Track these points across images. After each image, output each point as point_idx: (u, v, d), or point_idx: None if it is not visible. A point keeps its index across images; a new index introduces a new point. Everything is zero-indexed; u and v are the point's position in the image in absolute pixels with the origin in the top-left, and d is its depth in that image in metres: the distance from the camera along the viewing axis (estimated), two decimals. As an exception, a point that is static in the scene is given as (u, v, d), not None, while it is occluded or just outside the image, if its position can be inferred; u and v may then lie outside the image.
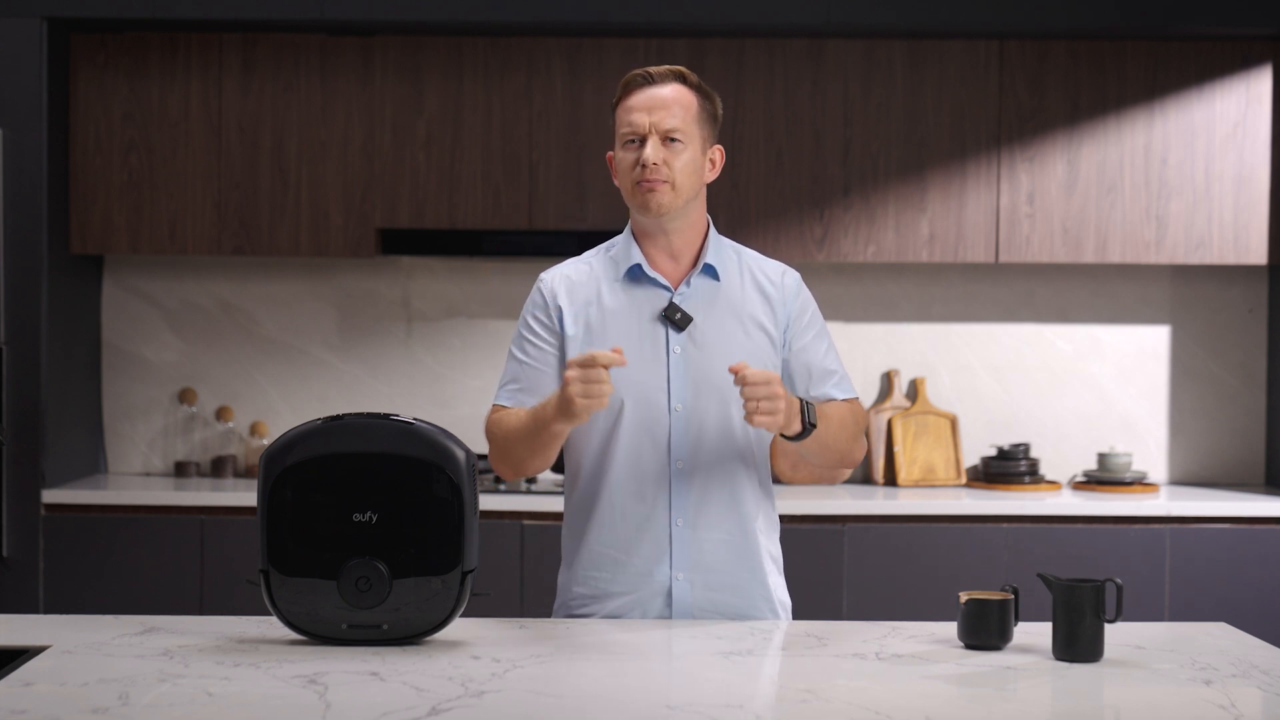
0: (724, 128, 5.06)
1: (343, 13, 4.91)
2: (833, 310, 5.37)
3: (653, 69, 2.84)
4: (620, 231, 2.98)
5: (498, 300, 5.39)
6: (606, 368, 2.60)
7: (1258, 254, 5.08)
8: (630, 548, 2.84)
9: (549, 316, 2.87)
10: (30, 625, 2.74)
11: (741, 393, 2.63)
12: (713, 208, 5.03)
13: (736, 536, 2.86)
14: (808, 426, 2.73)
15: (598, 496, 2.85)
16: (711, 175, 2.89)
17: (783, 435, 2.75)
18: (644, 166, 2.78)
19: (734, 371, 2.64)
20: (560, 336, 2.87)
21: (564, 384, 2.62)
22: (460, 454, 2.55)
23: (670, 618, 2.83)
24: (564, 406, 2.64)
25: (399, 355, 5.40)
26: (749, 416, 2.63)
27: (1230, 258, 5.08)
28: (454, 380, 5.40)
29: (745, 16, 4.94)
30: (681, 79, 2.84)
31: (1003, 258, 5.08)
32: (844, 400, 2.94)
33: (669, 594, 2.84)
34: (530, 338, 2.89)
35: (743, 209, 5.07)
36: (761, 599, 2.88)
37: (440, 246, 5.11)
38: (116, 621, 2.71)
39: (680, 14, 4.91)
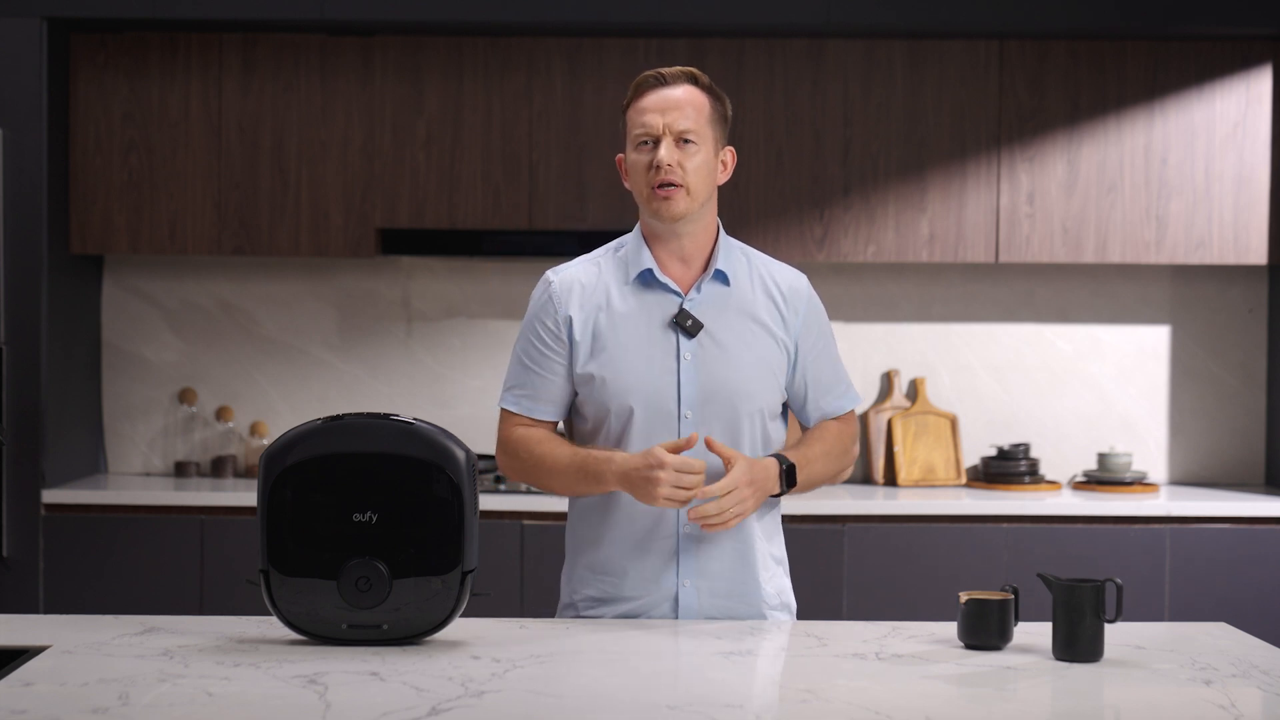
0: (724, 128, 5.06)
1: (343, 13, 4.91)
2: (833, 310, 5.36)
3: (665, 70, 2.83)
4: (621, 231, 2.97)
5: (498, 300, 5.39)
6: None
7: (1258, 254, 5.08)
8: (638, 554, 2.84)
9: (557, 324, 2.86)
10: (30, 625, 2.74)
11: (710, 519, 2.69)
12: (713, 208, 5.04)
13: (743, 542, 2.86)
14: (784, 490, 2.82)
15: (607, 502, 2.85)
16: (724, 177, 2.89)
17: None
18: (658, 168, 2.78)
19: (696, 519, 2.70)
20: (568, 345, 2.85)
21: (652, 479, 2.66)
22: (460, 454, 2.55)
23: None
24: (639, 492, 2.70)
25: (399, 355, 5.40)
26: (723, 525, 2.71)
27: (1230, 258, 5.08)
28: (454, 380, 5.40)
29: (745, 16, 4.94)
30: (693, 80, 2.83)
31: (1003, 258, 5.09)
32: (837, 420, 2.95)
33: (675, 600, 2.84)
34: (538, 344, 2.87)
35: (743, 209, 5.07)
36: (765, 603, 2.88)
37: (440, 246, 5.11)
38: (116, 621, 2.71)
39: (680, 14, 4.91)
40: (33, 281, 4.85)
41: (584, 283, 2.87)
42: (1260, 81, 5.08)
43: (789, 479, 2.80)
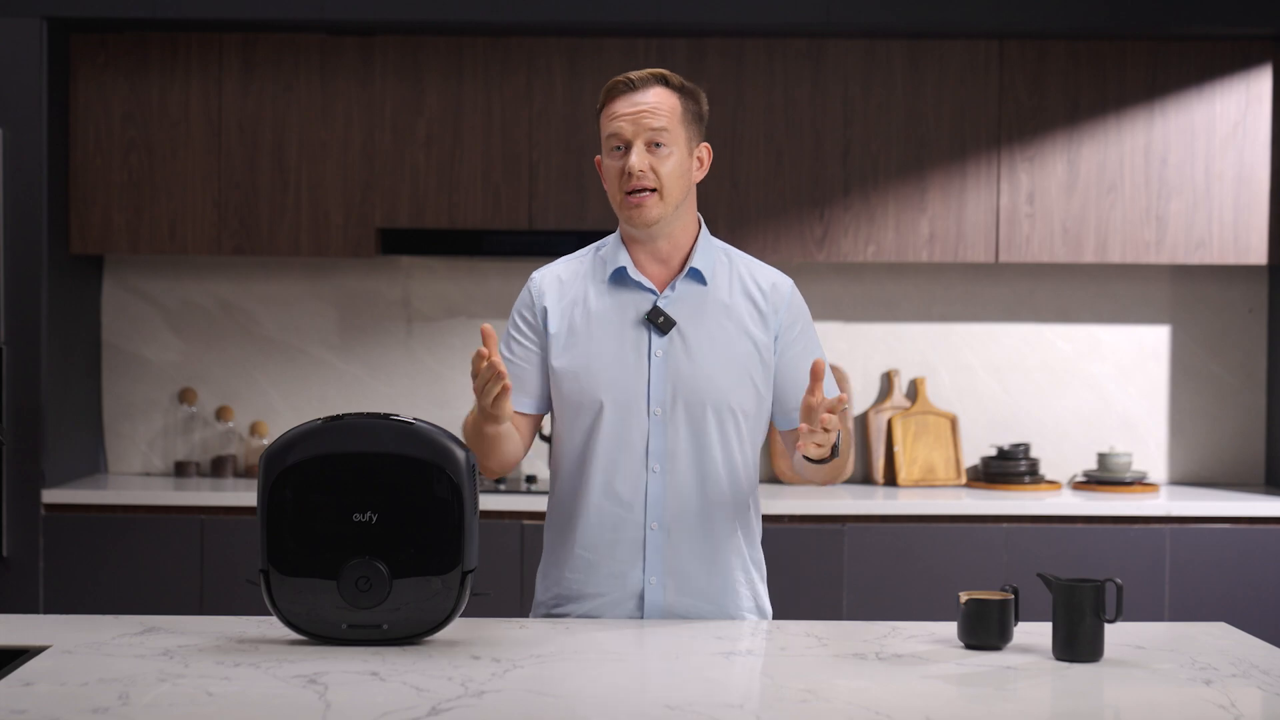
0: (724, 128, 5.06)
1: (343, 13, 4.91)
2: (833, 310, 5.37)
3: (633, 74, 2.82)
4: (620, 231, 2.97)
5: (498, 300, 5.39)
6: (489, 368, 2.60)
7: (1258, 254, 5.08)
8: (605, 550, 2.84)
9: (534, 315, 2.89)
10: (30, 625, 2.74)
11: (822, 419, 2.59)
12: (713, 207, 5.04)
13: (712, 542, 2.85)
14: (832, 456, 2.73)
15: (575, 497, 2.86)
16: (700, 174, 2.88)
17: (805, 457, 2.73)
18: (630, 175, 2.78)
19: (824, 408, 2.59)
20: (543, 336, 2.87)
21: (477, 395, 2.66)
22: (460, 454, 2.55)
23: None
24: (484, 413, 2.69)
25: (399, 355, 5.40)
26: (808, 446, 2.60)
27: (1230, 258, 5.08)
28: (454, 380, 5.40)
29: (745, 16, 4.94)
30: (663, 82, 2.82)
31: (1003, 258, 5.09)
32: None
33: (641, 597, 2.83)
34: (515, 335, 2.90)
35: (743, 209, 5.07)
36: (734, 605, 2.87)
37: (440, 246, 5.11)
38: (116, 621, 2.71)
39: (680, 14, 4.91)
40: (33, 281, 4.85)
41: (563, 278, 2.90)
42: (1260, 81, 5.08)
43: (835, 450, 2.73)
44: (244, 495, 4.87)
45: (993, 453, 5.38)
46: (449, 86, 5.08)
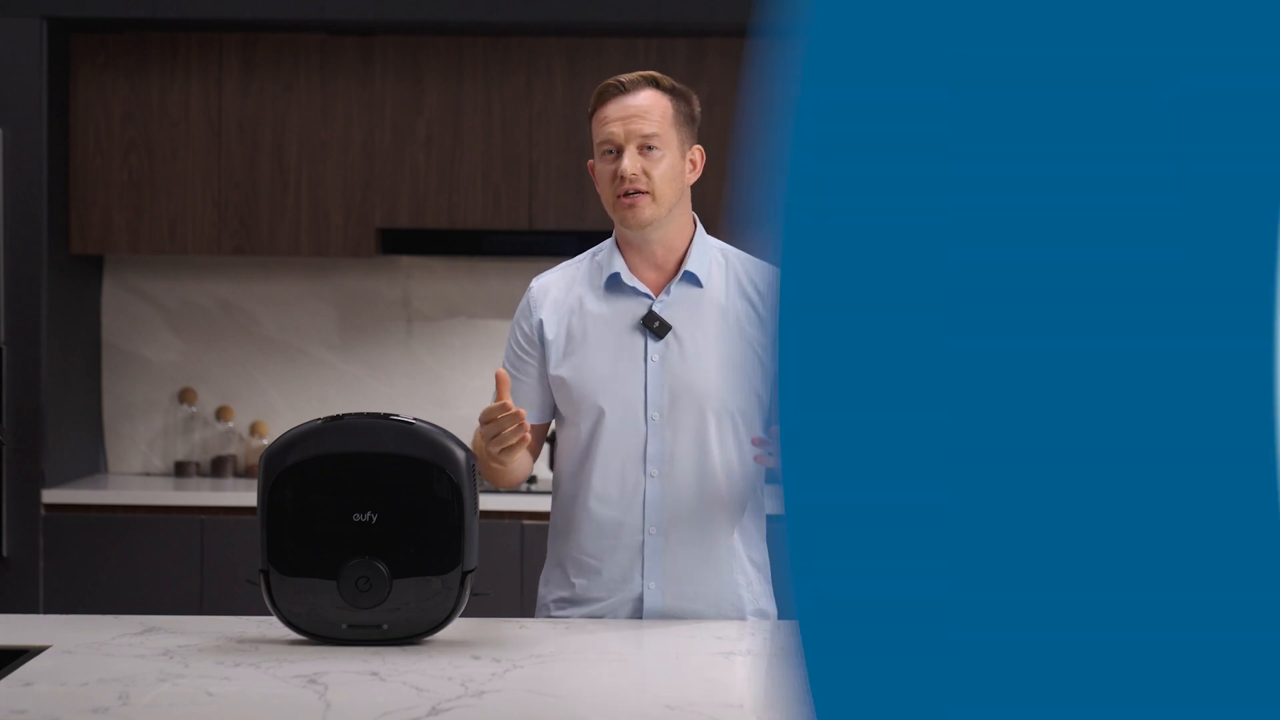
0: (724, 128, 5.06)
1: (343, 13, 4.91)
2: (833, 310, 5.36)
3: (624, 77, 2.82)
4: (620, 233, 2.97)
5: (498, 300, 5.39)
6: (506, 415, 2.59)
7: (1258, 254, 5.08)
8: (604, 555, 2.83)
9: (530, 327, 2.88)
10: (30, 625, 2.74)
11: (772, 430, 2.63)
12: (713, 207, 5.03)
13: (711, 547, 2.84)
14: None
15: (575, 502, 2.86)
16: (693, 177, 2.88)
17: None
18: (623, 179, 2.77)
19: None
20: (540, 347, 2.87)
21: (487, 442, 2.63)
22: (460, 454, 2.55)
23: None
24: (493, 459, 2.67)
25: (399, 355, 5.40)
26: (765, 458, 2.65)
27: (1230, 258, 5.08)
28: (454, 380, 5.40)
29: (745, 16, 4.94)
30: (655, 84, 2.81)
31: (1003, 258, 5.08)
32: None
33: (639, 601, 2.83)
34: (515, 347, 2.90)
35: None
36: (735, 609, 2.87)
37: (440, 246, 5.12)
38: (116, 621, 2.71)
39: (680, 14, 4.92)
40: (33, 281, 4.85)
41: (559, 287, 2.90)
42: (1260, 81, 5.07)
43: None
44: (244, 495, 4.87)
45: (993, 453, 5.37)
46: (449, 86, 5.08)
